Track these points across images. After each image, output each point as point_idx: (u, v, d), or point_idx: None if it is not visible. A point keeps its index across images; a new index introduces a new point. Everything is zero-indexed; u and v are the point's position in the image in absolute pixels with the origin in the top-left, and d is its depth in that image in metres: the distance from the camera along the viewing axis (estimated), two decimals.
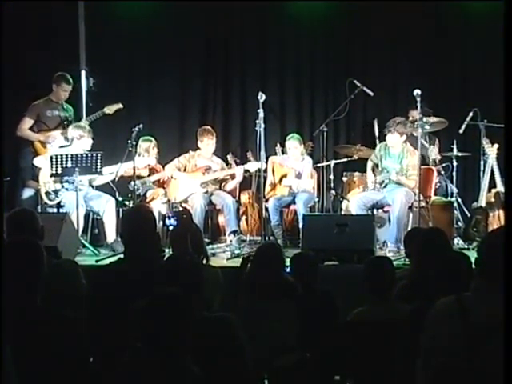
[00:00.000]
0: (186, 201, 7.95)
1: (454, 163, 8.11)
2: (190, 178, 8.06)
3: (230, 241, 7.67)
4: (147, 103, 9.33)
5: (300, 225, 7.39)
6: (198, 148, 8.23)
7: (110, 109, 8.28)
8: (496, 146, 7.89)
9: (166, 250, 4.67)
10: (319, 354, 4.02)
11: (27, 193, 8.07)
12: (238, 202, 8.25)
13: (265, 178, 7.95)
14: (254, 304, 4.21)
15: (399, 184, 7.58)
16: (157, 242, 3.92)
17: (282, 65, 9.40)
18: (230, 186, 8.19)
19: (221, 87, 9.47)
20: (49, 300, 3.14)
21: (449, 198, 8.18)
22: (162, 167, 8.33)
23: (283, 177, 8.22)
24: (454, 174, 8.07)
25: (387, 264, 4.20)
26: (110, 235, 7.45)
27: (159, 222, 6.93)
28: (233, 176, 8.19)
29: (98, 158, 7.20)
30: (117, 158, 7.64)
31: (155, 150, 8.26)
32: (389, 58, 9.31)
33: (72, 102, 8.37)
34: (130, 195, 7.70)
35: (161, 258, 3.86)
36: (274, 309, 4.14)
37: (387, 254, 6.79)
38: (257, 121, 7.40)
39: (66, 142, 7.77)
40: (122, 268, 3.70)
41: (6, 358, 2.56)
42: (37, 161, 7.77)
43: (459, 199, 8.15)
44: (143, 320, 2.82)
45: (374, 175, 7.83)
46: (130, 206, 7.54)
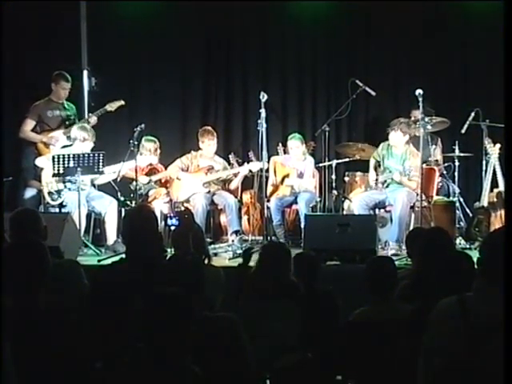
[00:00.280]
0: (187, 201, 7.95)
1: (456, 163, 8.09)
2: (192, 178, 8.06)
3: (232, 241, 7.67)
4: (149, 103, 9.33)
5: (302, 225, 7.40)
6: (199, 148, 8.24)
7: (111, 106, 8.25)
8: (498, 145, 7.87)
9: (168, 250, 4.67)
10: (321, 354, 4.02)
11: (29, 193, 8.07)
12: (240, 201, 8.25)
13: (267, 177, 7.95)
14: (256, 304, 4.21)
15: (401, 184, 7.58)
16: (159, 242, 3.93)
17: (284, 65, 9.39)
18: (234, 185, 8.19)
19: (223, 87, 9.46)
20: (50, 300, 3.14)
21: (451, 198, 8.17)
22: (164, 167, 8.33)
23: (285, 177, 8.22)
24: (455, 173, 8.06)
25: (389, 264, 4.20)
26: (111, 237, 7.45)
27: (161, 222, 6.93)
28: (236, 175, 8.20)
29: (100, 157, 7.21)
30: (119, 158, 7.63)
31: (158, 151, 8.27)
32: (390, 57, 9.31)
33: (74, 101, 8.37)
34: (132, 195, 7.70)
35: (163, 257, 3.87)
36: (275, 309, 4.13)
37: (389, 254, 6.79)
38: (259, 121, 7.40)
39: (69, 142, 7.75)
40: (123, 268, 3.70)
41: (6, 358, 2.56)
42: (39, 161, 7.75)
43: (461, 199, 8.13)
44: (144, 320, 2.82)
45: (376, 174, 7.83)
46: (132, 206, 7.54)
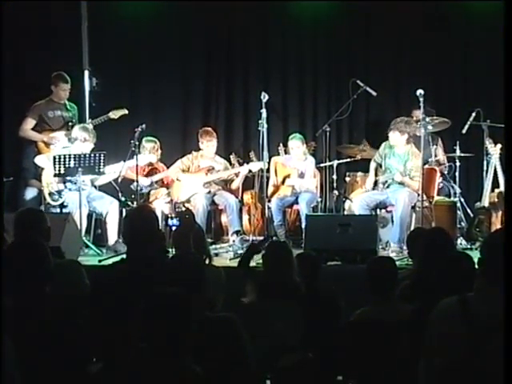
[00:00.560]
0: (188, 201, 7.95)
1: (457, 163, 8.09)
2: (193, 179, 8.05)
3: (233, 241, 7.66)
4: (150, 103, 9.32)
5: (303, 225, 7.40)
6: (200, 149, 8.24)
7: (115, 114, 8.26)
8: (499, 146, 7.86)
9: (169, 250, 4.67)
10: (322, 354, 4.02)
11: (30, 193, 8.06)
12: (241, 201, 8.24)
13: (267, 178, 7.95)
14: (257, 304, 4.21)
15: (402, 184, 7.57)
16: (161, 242, 3.93)
17: (285, 65, 9.38)
18: (235, 185, 8.19)
19: (223, 87, 9.46)
20: (51, 300, 3.14)
21: (452, 199, 8.17)
22: (166, 167, 8.33)
23: (286, 177, 8.22)
24: (456, 174, 8.05)
25: (390, 264, 4.20)
26: (112, 237, 7.43)
27: (162, 222, 6.93)
28: (237, 175, 8.19)
29: (101, 158, 7.20)
30: (120, 158, 7.62)
31: (159, 152, 8.27)
32: (391, 58, 9.30)
33: (75, 101, 8.37)
34: (132, 195, 7.70)
35: (165, 257, 3.87)
36: (276, 309, 4.14)
37: (390, 254, 6.79)
38: (260, 121, 7.40)
39: (70, 144, 7.75)
40: (124, 268, 3.70)
41: (6, 357, 2.56)
42: (38, 159, 7.72)
43: (462, 199, 8.13)
44: (144, 320, 2.82)
45: (374, 177, 7.82)
46: (133, 206, 7.53)
